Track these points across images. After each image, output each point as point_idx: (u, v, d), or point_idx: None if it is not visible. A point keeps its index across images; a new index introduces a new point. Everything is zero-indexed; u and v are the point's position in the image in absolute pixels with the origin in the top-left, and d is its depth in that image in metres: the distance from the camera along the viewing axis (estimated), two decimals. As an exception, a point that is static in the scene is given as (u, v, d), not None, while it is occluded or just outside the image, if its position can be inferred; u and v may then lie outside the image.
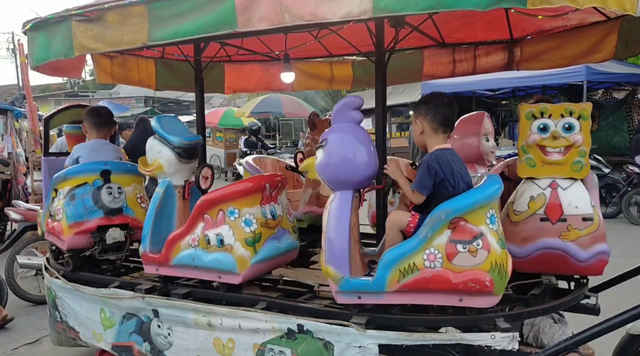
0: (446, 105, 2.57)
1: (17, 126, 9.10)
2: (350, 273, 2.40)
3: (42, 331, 4.40)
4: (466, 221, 2.28)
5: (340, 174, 2.49)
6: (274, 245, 2.91)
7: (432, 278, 2.29)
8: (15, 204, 5.77)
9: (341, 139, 2.49)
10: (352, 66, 4.94)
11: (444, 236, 2.30)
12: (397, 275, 2.34)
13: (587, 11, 3.30)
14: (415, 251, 2.32)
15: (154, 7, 2.45)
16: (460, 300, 2.32)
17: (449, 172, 2.44)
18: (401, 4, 1.96)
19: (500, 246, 2.29)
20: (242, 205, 2.82)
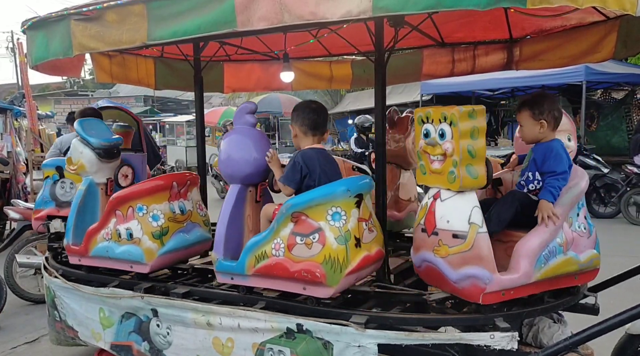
0: (314, 111, 2.86)
1: (17, 125, 9.10)
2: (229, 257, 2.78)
3: (41, 331, 4.40)
4: (307, 216, 2.52)
5: (226, 170, 2.95)
6: (183, 237, 3.24)
7: (276, 265, 2.57)
8: (15, 203, 5.77)
9: (231, 139, 2.93)
10: (352, 65, 4.94)
11: (288, 229, 2.56)
12: (253, 261, 2.65)
13: (587, 11, 3.30)
14: (267, 240, 2.62)
15: (154, 6, 2.44)
16: (304, 289, 2.54)
17: (312, 169, 2.70)
18: (401, 3, 1.96)
19: (340, 242, 2.44)
20: (150, 202, 3.14)
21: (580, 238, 2.51)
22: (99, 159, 3.40)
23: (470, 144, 2.32)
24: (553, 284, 2.50)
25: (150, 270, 3.13)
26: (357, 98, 17.15)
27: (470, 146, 2.32)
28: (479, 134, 2.34)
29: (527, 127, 2.65)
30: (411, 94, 14.04)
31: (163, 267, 3.27)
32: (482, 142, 2.36)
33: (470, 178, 2.34)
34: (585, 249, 2.53)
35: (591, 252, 2.55)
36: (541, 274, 2.38)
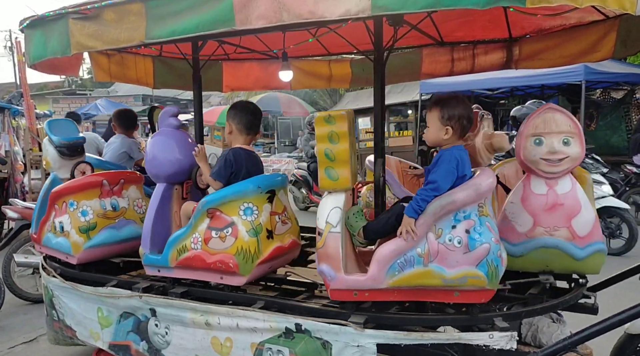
0: (251, 112, 3.04)
1: (15, 124, 9.07)
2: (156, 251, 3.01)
3: (39, 330, 4.39)
4: (221, 212, 2.77)
5: (152, 170, 3.16)
6: (112, 233, 3.43)
7: (195, 258, 2.82)
8: (13, 202, 5.75)
9: (156, 141, 3.15)
10: (351, 64, 4.93)
11: (205, 224, 2.81)
12: (176, 254, 2.90)
13: (586, 10, 3.29)
14: (186, 235, 2.88)
15: (152, 5, 2.44)
16: (221, 278, 2.79)
17: (240, 168, 2.91)
18: (400, 2, 1.95)
19: (251, 234, 2.70)
20: (80, 198, 3.37)
21: (449, 252, 2.29)
22: (61, 156, 3.73)
23: (327, 148, 2.45)
24: (420, 295, 2.45)
25: (78, 262, 3.38)
26: (356, 97, 17.12)
27: (327, 149, 2.46)
28: (340, 138, 2.44)
29: (433, 129, 2.50)
30: (410, 94, 14.00)
31: (92, 260, 3.44)
32: (344, 146, 2.43)
33: (329, 179, 2.46)
34: (457, 265, 2.29)
35: (468, 269, 2.28)
36: (394, 281, 2.36)
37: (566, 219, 2.59)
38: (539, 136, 2.61)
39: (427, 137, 2.55)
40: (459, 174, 2.36)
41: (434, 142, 2.53)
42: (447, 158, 2.39)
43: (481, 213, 2.33)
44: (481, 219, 2.32)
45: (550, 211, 2.61)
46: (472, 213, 2.32)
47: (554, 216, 2.60)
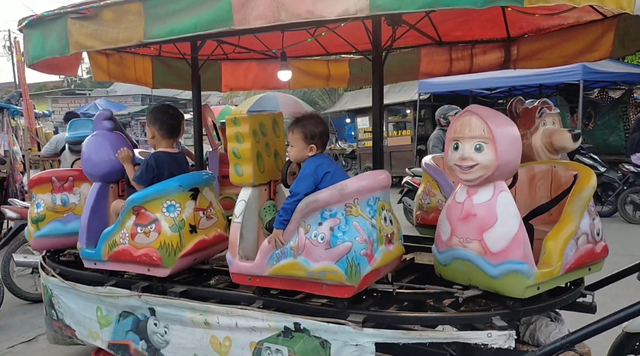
0: (172, 116, 3.21)
1: (14, 124, 9.06)
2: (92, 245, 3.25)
3: (39, 330, 4.39)
4: (145, 209, 3.01)
5: (87, 169, 3.42)
6: (58, 226, 3.64)
7: (124, 252, 3.06)
8: (12, 202, 5.75)
9: (91, 142, 3.39)
10: (349, 64, 4.94)
11: (131, 220, 3.05)
12: (107, 248, 3.14)
13: (584, 10, 3.30)
14: (116, 231, 3.11)
15: (150, 5, 2.44)
16: (148, 270, 3.02)
17: (162, 171, 3.09)
18: (398, 2, 1.95)
19: (174, 230, 2.96)
20: (38, 191, 3.69)
21: (313, 246, 2.42)
22: (70, 151, 4.35)
23: (235, 147, 2.73)
24: (296, 285, 2.59)
25: (33, 248, 3.92)
26: (355, 97, 17.13)
27: (235, 148, 2.73)
28: (244, 138, 2.70)
29: (298, 148, 2.68)
30: (409, 93, 14.01)
31: (42, 248, 3.80)
32: (247, 145, 2.70)
33: (236, 175, 2.77)
34: (320, 259, 2.40)
35: (327, 264, 2.38)
36: (273, 269, 2.57)
37: (478, 231, 2.35)
38: (457, 140, 2.43)
39: (293, 156, 2.74)
40: (319, 175, 2.56)
41: (300, 159, 2.72)
42: (304, 167, 2.64)
43: (349, 212, 2.43)
44: (348, 219, 2.41)
45: (463, 221, 2.42)
46: (339, 212, 2.43)
47: (467, 226, 2.40)
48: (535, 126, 2.81)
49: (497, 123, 2.35)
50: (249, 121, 2.70)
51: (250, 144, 2.69)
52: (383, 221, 2.60)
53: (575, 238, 2.48)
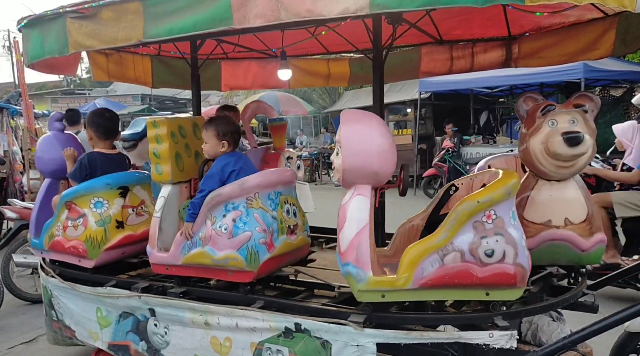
0: (108, 119, 3.50)
1: (13, 124, 9.05)
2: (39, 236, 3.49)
3: (38, 330, 4.38)
4: (75, 204, 3.27)
5: (39, 167, 3.79)
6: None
7: (58, 243, 3.32)
8: (11, 202, 5.74)
9: (41, 141, 3.73)
10: (349, 63, 4.93)
11: (64, 214, 3.30)
12: (47, 239, 3.40)
13: (585, 8, 3.28)
14: (53, 223, 3.38)
15: (149, 4, 2.43)
16: (79, 261, 3.27)
17: (94, 170, 3.34)
18: (398, 0, 1.94)
19: (99, 224, 3.22)
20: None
21: (218, 236, 2.68)
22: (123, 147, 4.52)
23: (155, 148, 2.99)
24: (207, 273, 2.87)
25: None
26: (355, 96, 17.12)
27: (155, 149, 2.99)
28: (162, 139, 2.97)
29: (211, 144, 2.95)
30: (409, 92, 14.00)
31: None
32: (165, 146, 2.97)
33: (157, 174, 3.04)
34: (224, 248, 2.65)
35: (230, 252, 2.63)
36: (185, 259, 2.83)
37: (338, 230, 2.40)
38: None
39: (207, 151, 2.98)
40: (225, 174, 2.82)
41: (213, 155, 2.96)
42: (212, 166, 2.91)
43: (250, 205, 2.69)
44: (249, 211, 2.68)
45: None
46: (241, 205, 2.69)
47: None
48: (536, 126, 2.55)
49: (349, 128, 2.37)
50: (167, 124, 2.97)
51: (168, 145, 2.97)
52: (285, 214, 2.85)
53: (442, 254, 2.26)
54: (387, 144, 2.37)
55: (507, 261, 2.23)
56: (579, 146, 2.42)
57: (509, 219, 2.25)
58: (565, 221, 2.59)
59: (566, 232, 2.58)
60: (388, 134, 2.42)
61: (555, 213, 2.60)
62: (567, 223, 2.59)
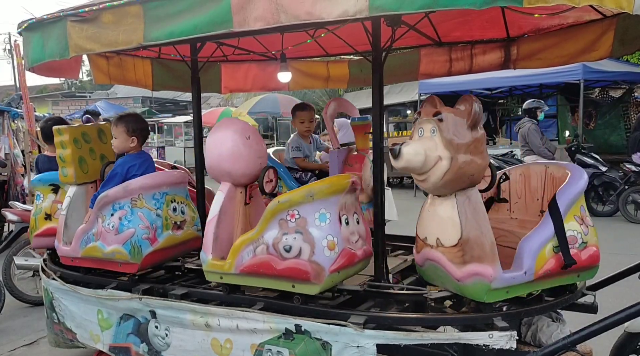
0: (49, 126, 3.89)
1: (14, 127, 9.07)
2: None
3: (40, 333, 4.39)
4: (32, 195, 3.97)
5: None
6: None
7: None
8: (12, 205, 5.75)
9: None
10: (349, 65, 4.93)
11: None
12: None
13: (584, 9, 3.29)
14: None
15: (150, 7, 2.43)
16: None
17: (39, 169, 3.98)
18: (397, 2, 1.95)
19: (34, 214, 3.81)
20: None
21: (107, 233, 3.10)
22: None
23: (60, 153, 3.41)
24: (100, 264, 3.25)
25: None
26: (355, 97, 17.12)
27: (60, 154, 3.41)
28: (66, 145, 3.38)
29: (121, 140, 3.30)
30: (409, 94, 14.01)
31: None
32: (68, 151, 3.36)
33: (63, 175, 3.47)
34: (111, 243, 3.07)
35: (116, 247, 3.06)
36: (83, 252, 3.23)
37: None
38: None
39: (116, 146, 3.31)
40: (127, 176, 3.17)
41: (122, 150, 3.33)
42: (114, 167, 3.25)
43: (134, 205, 3.08)
44: (133, 210, 3.07)
45: None
46: (126, 205, 3.08)
47: None
48: (411, 134, 2.53)
49: (210, 135, 2.88)
50: (69, 132, 3.39)
51: (71, 150, 3.37)
52: (171, 211, 3.22)
53: (255, 245, 2.57)
54: (239, 149, 2.78)
55: (302, 258, 2.44)
56: (397, 160, 2.36)
57: (313, 220, 2.47)
58: (437, 241, 2.42)
59: (437, 253, 2.43)
60: (242, 140, 2.80)
61: (429, 230, 2.49)
62: (439, 243, 2.41)
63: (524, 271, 2.32)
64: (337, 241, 2.47)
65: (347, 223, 2.59)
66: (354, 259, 2.58)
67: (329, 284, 2.52)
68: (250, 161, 2.81)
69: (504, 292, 2.32)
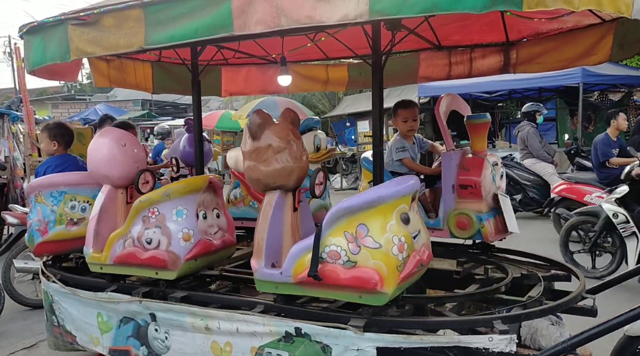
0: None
1: (14, 130, 9.07)
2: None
3: (39, 336, 4.38)
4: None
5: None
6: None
7: None
8: (12, 208, 5.75)
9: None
10: (348, 68, 4.95)
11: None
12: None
13: (583, 14, 3.30)
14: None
15: (151, 11, 2.44)
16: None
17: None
18: (397, 6, 1.96)
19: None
20: None
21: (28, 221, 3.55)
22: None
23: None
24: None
25: None
26: (354, 101, 17.16)
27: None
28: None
29: (45, 144, 3.99)
30: (409, 97, 13.96)
31: None
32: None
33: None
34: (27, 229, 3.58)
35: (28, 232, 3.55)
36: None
37: None
38: None
39: (44, 149, 3.94)
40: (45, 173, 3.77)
41: (48, 152, 4.01)
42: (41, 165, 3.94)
43: (37, 200, 3.48)
44: (35, 205, 3.51)
45: None
46: (32, 199, 3.53)
47: None
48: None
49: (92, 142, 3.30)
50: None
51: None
52: (69, 209, 3.49)
53: (124, 239, 3.04)
54: (114, 155, 3.17)
55: (161, 248, 2.91)
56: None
57: (171, 216, 2.94)
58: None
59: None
60: (118, 147, 3.18)
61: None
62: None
63: (280, 271, 2.54)
64: (193, 233, 2.92)
65: (205, 217, 3.04)
66: (211, 248, 3.03)
67: (186, 270, 2.98)
68: (126, 165, 3.20)
69: (274, 286, 2.60)
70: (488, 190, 3.30)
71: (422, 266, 2.50)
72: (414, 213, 2.48)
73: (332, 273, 2.36)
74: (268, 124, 2.65)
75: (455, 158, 3.42)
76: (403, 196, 2.39)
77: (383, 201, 2.33)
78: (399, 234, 2.30)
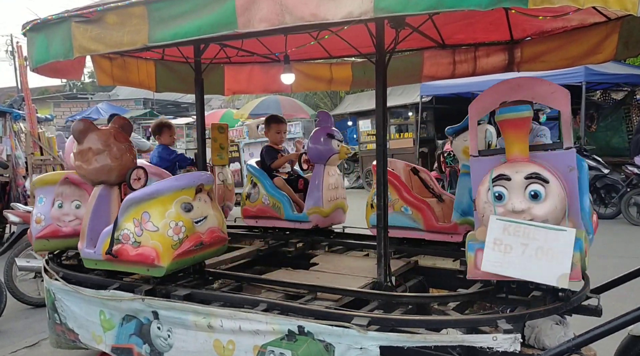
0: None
1: (16, 129, 9.08)
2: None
3: (41, 334, 4.39)
4: None
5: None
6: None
7: None
8: (14, 206, 5.76)
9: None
10: (352, 67, 4.94)
11: None
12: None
13: (588, 12, 3.29)
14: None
15: (154, 8, 2.44)
16: None
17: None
18: (402, 4, 1.95)
19: None
20: None
21: None
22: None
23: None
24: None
25: None
26: (356, 100, 17.14)
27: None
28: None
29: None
30: (411, 96, 14.01)
31: None
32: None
33: None
34: None
35: None
36: None
37: None
38: None
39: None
40: None
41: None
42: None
43: None
44: None
45: None
46: None
47: None
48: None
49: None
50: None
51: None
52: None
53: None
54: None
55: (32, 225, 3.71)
56: None
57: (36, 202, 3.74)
58: None
59: None
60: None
61: None
62: None
63: (94, 250, 3.19)
64: (44, 218, 3.65)
65: (60, 206, 3.66)
66: (59, 234, 3.66)
67: (40, 247, 3.72)
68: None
69: (94, 263, 3.26)
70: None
71: (203, 245, 3.08)
72: (201, 203, 3.09)
73: (125, 251, 3.02)
74: (90, 130, 3.25)
75: (485, 165, 2.60)
76: (182, 189, 3.02)
77: (161, 193, 2.97)
78: (177, 220, 2.93)
